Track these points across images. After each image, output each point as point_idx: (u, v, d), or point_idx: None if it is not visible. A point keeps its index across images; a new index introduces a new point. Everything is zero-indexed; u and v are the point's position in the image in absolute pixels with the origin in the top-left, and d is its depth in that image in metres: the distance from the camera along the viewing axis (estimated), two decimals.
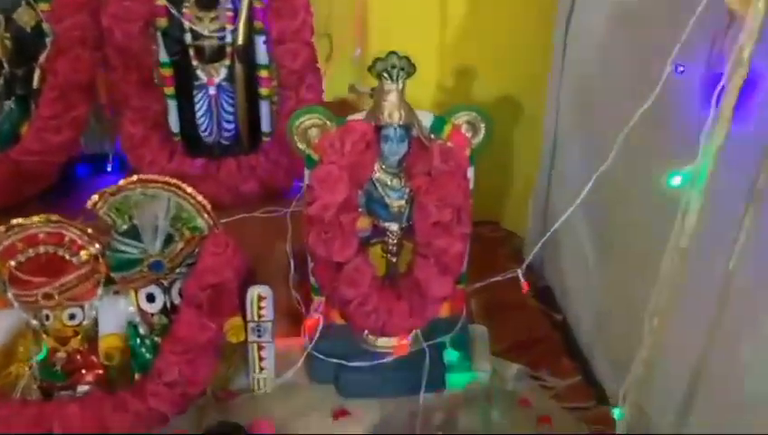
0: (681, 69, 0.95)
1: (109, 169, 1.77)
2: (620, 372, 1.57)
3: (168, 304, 1.35)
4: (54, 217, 1.28)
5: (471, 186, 1.34)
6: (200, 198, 1.33)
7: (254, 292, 1.34)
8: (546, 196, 2.19)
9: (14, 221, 1.27)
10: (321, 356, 1.45)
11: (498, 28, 2.09)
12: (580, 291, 1.90)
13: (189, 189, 1.32)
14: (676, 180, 0.83)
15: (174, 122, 1.69)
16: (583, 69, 1.82)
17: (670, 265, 0.89)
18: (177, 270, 1.34)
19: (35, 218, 1.28)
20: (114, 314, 1.34)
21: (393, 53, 1.22)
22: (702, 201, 0.83)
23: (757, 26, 0.71)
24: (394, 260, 1.39)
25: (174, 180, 1.32)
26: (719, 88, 0.78)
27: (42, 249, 1.29)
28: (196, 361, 1.30)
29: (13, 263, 1.28)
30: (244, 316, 1.37)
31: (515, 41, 2.10)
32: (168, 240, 1.32)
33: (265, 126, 1.72)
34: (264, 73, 1.66)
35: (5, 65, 1.56)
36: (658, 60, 1.05)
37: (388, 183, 1.30)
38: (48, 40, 1.59)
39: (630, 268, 1.55)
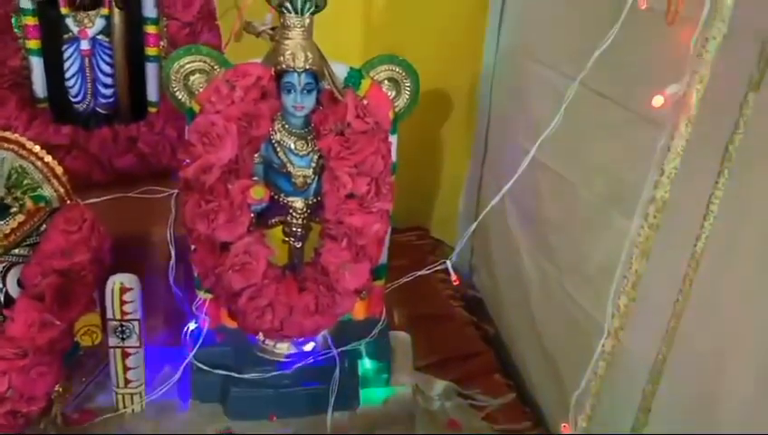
0: None
1: None
2: (561, 388, 1.38)
3: (2, 296, 1.04)
4: None
5: (393, 154, 1.10)
6: (49, 159, 1.04)
7: (115, 281, 1.05)
8: (477, 197, 2.00)
9: None
10: (204, 367, 1.16)
11: (430, 6, 1.90)
12: (516, 302, 1.70)
13: (36, 149, 1.04)
14: (657, 102, 0.63)
15: (39, 84, 1.39)
16: (522, 46, 1.66)
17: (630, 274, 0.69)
18: (15, 251, 1.04)
19: None
20: None
21: None
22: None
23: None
24: (298, 246, 1.13)
25: (15, 136, 1.03)
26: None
27: None
28: (33, 368, 0.99)
29: None
30: (103, 313, 1.07)
31: (447, 23, 1.92)
32: (4, 211, 1.02)
33: (152, 94, 1.44)
34: (151, 29, 1.39)
35: None
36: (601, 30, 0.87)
37: (292, 147, 1.06)
38: None
39: (571, 277, 1.36)
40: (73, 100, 1.41)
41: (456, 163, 2.08)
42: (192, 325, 1.18)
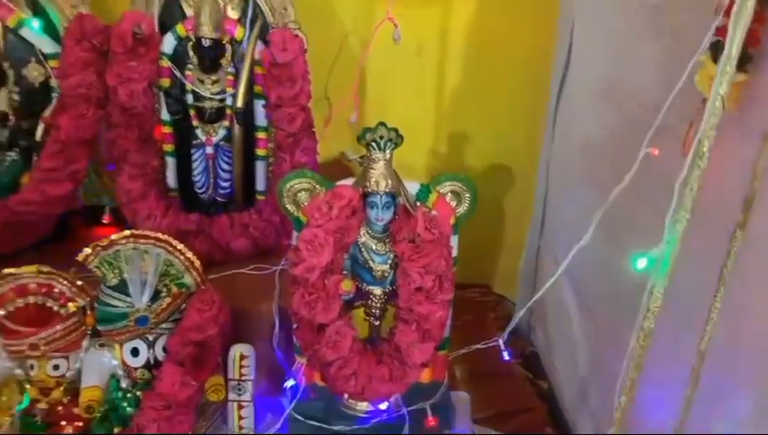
0: None
1: (104, 220, 1.80)
2: None
3: (152, 359, 1.37)
4: (45, 269, 1.32)
5: (455, 253, 1.36)
6: (189, 254, 1.36)
7: (236, 350, 1.36)
8: (535, 262, 2.22)
9: (6, 271, 1.30)
10: (300, 418, 1.45)
11: (490, 95, 2.17)
12: (566, 359, 1.90)
13: (180, 246, 1.35)
14: (641, 263, 0.86)
15: (171, 178, 1.74)
16: (572, 142, 1.89)
17: (636, 345, 0.92)
18: (163, 325, 1.36)
19: (27, 269, 1.31)
20: (98, 367, 1.35)
21: (382, 124, 1.27)
22: (665, 284, 0.86)
23: (715, 122, 0.75)
24: (377, 324, 1.41)
25: (165, 237, 1.35)
26: (681, 176, 0.82)
27: (31, 299, 1.32)
28: (175, 417, 1.31)
29: (2, 312, 1.30)
30: (225, 374, 1.38)
31: (509, 111, 2.19)
32: (156, 295, 1.35)
33: (260, 185, 1.77)
34: (261, 135, 1.72)
35: (11, 118, 1.62)
36: (640, 138, 1.10)
37: (373, 247, 1.34)
38: (54, 96, 1.65)
39: (611, 337, 1.56)
40: (198, 191, 1.75)
41: (517, 229, 2.31)
42: (291, 382, 1.47)
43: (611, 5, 1.59)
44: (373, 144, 1.26)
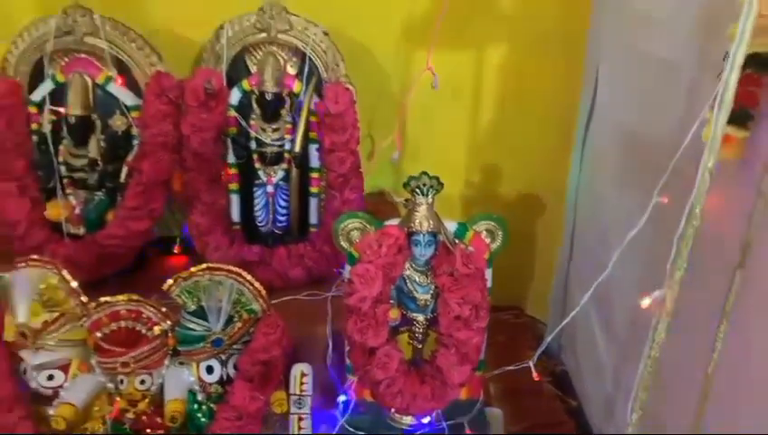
0: None
1: (175, 251, 2.03)
2: None
3: (225, 376, 1.57)
4: (135, 297, 1.53)
5: (489, 284, 1.54)
6: (257, 284, 1.56)
7: (297, 369, 1.56)
8: (564, 287, 2.37)
9: (102, 299, 1.52)
10: (352, 430, 1.63)
11: (521, 133, 2.35)
12: (592, 378, 2.05)
13: (248, 277, 1.55)
14: (645, 303, 1.03)
15: (235, 214, 1.95)
16: (597, 176, 2.05)
17: (644, 371, 1.08)
18: (234, 346, 1.56)
19: (120, 297, 1.52)
20: (178, 382, 1.56)
21: (425, 173, 1.46)
22: (668, 322, 1.03)
23: (704, 189, 0.92)
24: (419, 347, 1.59)
25: (236, 269, 1.55)
26: (678, 232, 0.99)
27: (123, 324, 1.52)
28: (245, 427, 1.50)
29: (98, 334, 1.52)
30: (287, 389, 1.57)
31: (538, 145, 2.35)
32: (229, 320, 1.55)
33: (313, 219, 1.97)
34: (315, 175, 1.92)
35: (100, 162, 1.86)
36: (656, 180, 1.27)
37: (417, 280, 1.52)
38: (135, 142, 1.88)
39: (633, 359, 1.71)
40: (259, 224, 1.97)
41: (547, 255, 2.47)
42: (343, 398, 1.66)
43: (632, 58, 1.75)
44: (417, 190, 1.45)
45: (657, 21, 1.57)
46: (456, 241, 1.51)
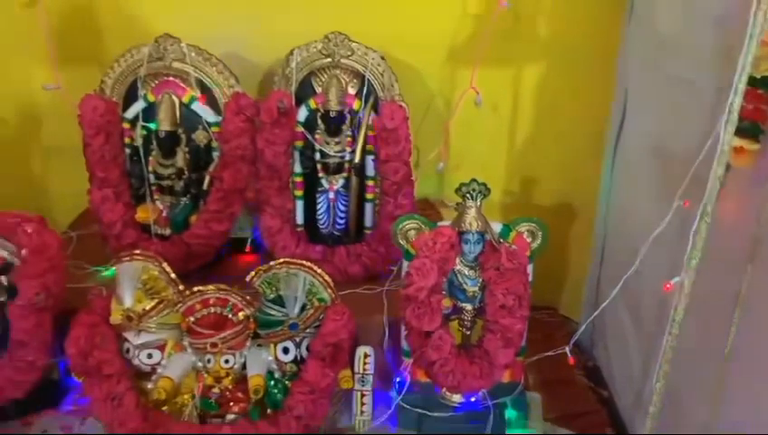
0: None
1: (246, 250, 2.28)
2: None
3: (298, 356, 1.80)
4: (223, 286, 1.77)
5: (530, 278, 1.75)
6: (326, 277, 1.79)
7: (361, 350, 1.79)
8: (596, 288, 2.56)
9: (195, 288, 1.76)
10: (407, 407, 1.85)
11: (555, 145, 2.56)
12: (623, 370, 2.23)
13: (319, 270, 1.79)
14: (668, 287, 1.23)
15: (300, 216, 2.20)
16: (627, 184, 2.24)
17: (666, 345, 1.28)
18: (307, 330, 1.80)
19: (210, 287, 1.77)
20: (258, 361, 1.79)
21: (474, 180, 1.68)
22: (685, 304, 1.23)
23: (714, 196, 1.13)
24: (468, 333, 1.81)
25: (308, 263, 1.79)
26: (693, 227, 1.20)
27: (212, 309, 1.77)
28: (317, 401, 1.73)
29: (191, 318, 1.76)
30: (352, 369, 1.80)
31: (571, 156, 2.56)
32: (303, 308, 1.78)
33: (368, 222, 2.20)
34: (370, 183, 2.16)
35: (186, 172, 2.12)
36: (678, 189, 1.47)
37: (466, 273, 1.74)
38: (216, 154, 2.14)
39: (658, 351, 1.90)
40: (321, 226, 2.21)
41: (580, 258, 2.66)
42: (399, 378, 1.88)
43: (658, 78, 1.95)
44: (468, 194, 1.67)
45: (681, 46, 1.77)
46: (501, 240, 1.73)
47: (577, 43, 2.41)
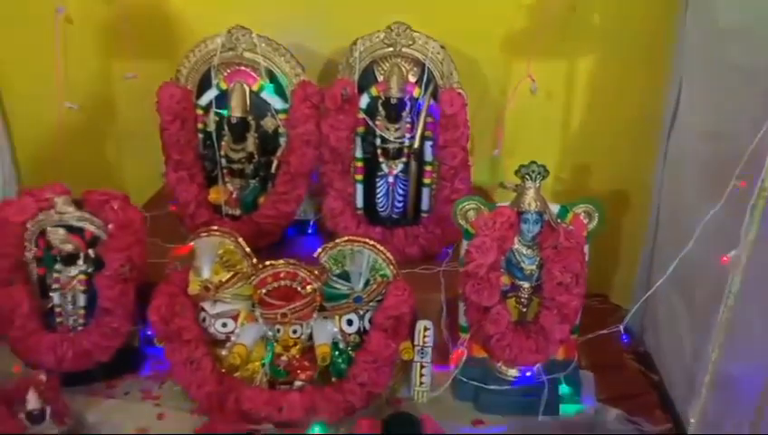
0: None
1: (309, 231, 2.40)
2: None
3: (362, 328, 1.91)
4: (293, 261, 1.88)
5: (586, 258, 1.82)
6: (389, 254, 1.89)
7: (421, 324, 1.88)
8: (648, 276, 2.59)
9: (267, 262, 1.89)
10: (464, 379, 1.94)
11: (608, 133, 2.60)
12: (674, 354, 2.27)
13: (381, 248, 1.89)
14: (725, 260, 1.29)
15: (359, 199, 2.30)
16: (681, 171, 2.27)
17: (722, 317, 1.34)
18: (371, 304, 1.90)
19: (281, 261, 1.88)
20: (324, 331, 1.90)
21: (533, 161, 1.76)
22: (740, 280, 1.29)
23: None
24: (524, 310, 1.88)
25: (372, 241, 1.90)
26: (751, 202, 1.25)
27: (282, 283, 1.89)
28: (380, 369, 1.83)
29: (263, 291, 1.89)
30: (412, 341, 1.90)
31: (624, 143, 2.59)
32: (367, 282, 1.89)
33: (425, 206, 2.30)
34: (428, 168, 2.25)
35: (255, 156, 2.25)
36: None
37: (524, 252, 1.82)
38: (283, 140, 2.26)
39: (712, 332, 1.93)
40: (379, 210, 2.31)
41: (631, 246, 2.69)
42: (457, 353, 1.96)
43: (714, 66, 1.98)
44: (527, 175, 1.75)
45: (740, 33, 1.81)
46: (559, 220, 1.80)
47: (631, 34, 2.45)
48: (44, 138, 2.62)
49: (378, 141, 2.23)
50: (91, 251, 1.96)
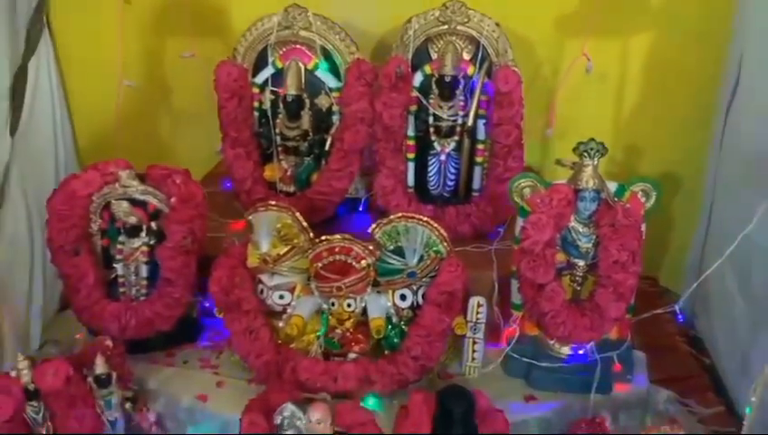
0: None
1: (359, 209, 2.43)
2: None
3: (415, 303, 1.93)
4: (348, 236, 1.91)
5: (643, 237, 1.81)
6: (442, 231, 1.91)
7: (474, 300, 1.90)
8: (700, 259, 2.56)
9: (323, 237, 1.92)
10: (516, 356, 1.95)
11: (664, 111, 2.56)
12: (726, 338, 2.24)
13: (435, 224, 1.91)
14: None
15: (411, 178, 2.32)
16: (739, 152, 2.23)
17: None
18: (424, 279, 1.92)
19: (336, 236, 1.91)
20: (378, 305, 1.93)
21: (592, 139, 1.75)
22: None
23: None
24: (578, 289, 1.88)
25: (426, 218, 1.91)
26: None
27: (337, 257, 1.92)
28: (433, 343, 1.86)
29: (319, 265, 1.92)
30: (465, 317, 1.92)
31: (678, 124, 2.56)
32: (420, 258, 1.91)
33: (476, 184, 2.30)
34: (480, 147, 2.25)
35: (310, 133, 2.29)
36: None
37: (580, 230, 1.82)
38: (336, 118, 2.29)
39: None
40: (431, 188, 2.33)
41: (683, 229, 2.66)
42: (509, 330, 1.98)
43: None
44: (586, 153, 1.74)
45: None
46: (616, 199, 1.79)
47: (687, 13, 2.41)
48: (103, 115, 2.70)
49: (430, 120, 2.24)
50: (153, 224, 2.03)
